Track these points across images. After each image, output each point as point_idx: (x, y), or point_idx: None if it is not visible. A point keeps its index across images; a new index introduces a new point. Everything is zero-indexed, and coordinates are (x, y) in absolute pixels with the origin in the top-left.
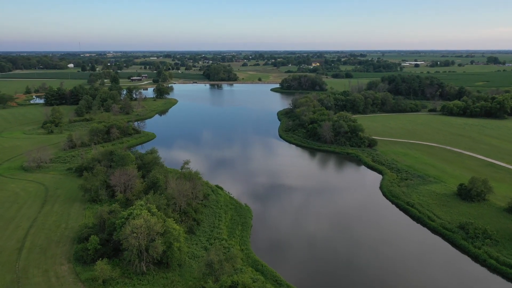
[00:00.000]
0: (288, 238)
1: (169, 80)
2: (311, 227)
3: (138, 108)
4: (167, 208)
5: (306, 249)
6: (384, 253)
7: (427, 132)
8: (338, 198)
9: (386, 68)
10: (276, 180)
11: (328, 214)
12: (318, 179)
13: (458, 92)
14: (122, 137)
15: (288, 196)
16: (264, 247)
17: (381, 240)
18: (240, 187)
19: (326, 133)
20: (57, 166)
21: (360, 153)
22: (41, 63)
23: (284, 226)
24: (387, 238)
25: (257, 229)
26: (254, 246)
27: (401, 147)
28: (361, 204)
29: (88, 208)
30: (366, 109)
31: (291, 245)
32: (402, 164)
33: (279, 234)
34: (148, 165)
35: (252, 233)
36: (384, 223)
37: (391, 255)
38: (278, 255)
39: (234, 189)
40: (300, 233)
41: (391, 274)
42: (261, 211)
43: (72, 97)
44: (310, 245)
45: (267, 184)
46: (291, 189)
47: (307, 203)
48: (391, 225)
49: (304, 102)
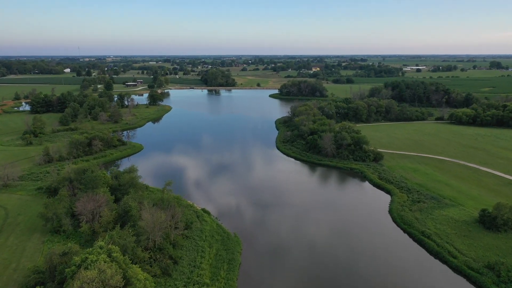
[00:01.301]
0: (283, 279)
1: (165, 85)
2: (310, 264)
3: (127, 116)
4: (136, 247)
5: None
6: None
7: (436, 143)
8: (342, 226)
9: (388, 73)
10: (271, 201)
11: (332, 248)
12: (318, 201)
13: (465, 99)
14: (105, 149)
15: (283, 222)
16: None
17: (393, 283)
18: (230, 209)
19: (327, 145)
20: (27, 185)
21: (365, 169)
22: (37, 68)
23: (278, 264)
24: (401, 280)
25: (247, 268)
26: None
27: (410, 161)
28: (369, 233)
29: (48, 241)
30: (369, 117)
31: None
32: (412, 182)
33: (273, 275)
34: (124, 187)
35: (241, 274)
36: (396, 259)
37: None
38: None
39: (223, 212)
40: (297, 271)
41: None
42: (252, 242)
43: (59, 104)
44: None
45: (260, 206)
46: (287, 214)
47: (306, 231)
48: (404, 262)
49: (303, 110)
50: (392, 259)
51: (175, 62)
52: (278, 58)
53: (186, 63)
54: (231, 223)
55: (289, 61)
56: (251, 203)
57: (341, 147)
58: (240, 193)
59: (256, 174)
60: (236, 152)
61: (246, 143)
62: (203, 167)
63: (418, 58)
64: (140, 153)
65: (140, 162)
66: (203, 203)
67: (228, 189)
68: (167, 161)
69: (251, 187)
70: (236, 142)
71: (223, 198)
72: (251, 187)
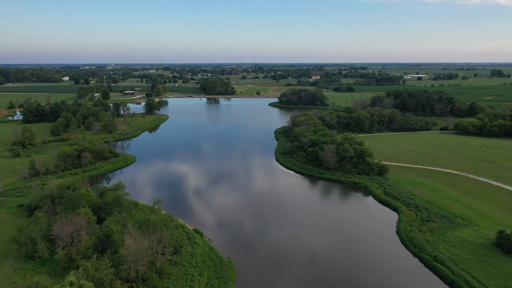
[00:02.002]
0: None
1: (163, 94)
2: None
3: (122, 126)
4: (114, 280)
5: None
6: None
7: (442, 155)
8: (346, 249)
9: (389, 82)
10: (269, 218)
11: (336, 273)
12: (320, 218)
13: (469, 108)
14: (95, 162)
15: (281, 244)
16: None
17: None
18: (224, 228)
19: (329, 158)
20: (8, 202)
21: (370, 184)
22: (35, 76)
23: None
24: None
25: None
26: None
27: (416, 175)
28: (376, 257)
29: (20, 269)
30: (372, 127)
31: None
32: (420, 198)
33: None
34: (109, 205)
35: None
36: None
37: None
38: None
39: (217, 231)
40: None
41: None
42: (247, 267)
43: (52, 113)
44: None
45: (257, 224)
46: (286, 234)
47: (306, 255)
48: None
49: (303, 120)
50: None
51: (175, 70)
52: (278, 66)
53: (186, 71)
54: (225, 245)
55: (289, 69)
56: (248, 221)
57: (343, 160)
58: (236, 209)
59: (254, 188)
60: (234, 164)
61: (244, 155)
62: (198, 181)
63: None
64: (132, 165)
65: (132, 175)
66: (196, 221)
67: (223, 205)
68: (160, 174)
69: (248, 203)
70: (234, 153)
71: (218, 215)
72: (248, 203)
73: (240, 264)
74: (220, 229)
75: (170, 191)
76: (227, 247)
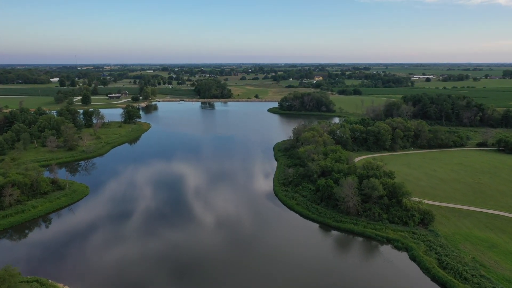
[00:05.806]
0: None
1: (151, 97)
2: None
3: (86, 141)
4: None
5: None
6: None
7: (500, 189)
8: None
9: (396, 83)
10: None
11: None
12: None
13: (502, 116)
14: (26, 200)
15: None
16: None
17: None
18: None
19: (349, 198)
20: None
21: (412, 243)
22: (20, 77)
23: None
24: None
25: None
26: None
27: (474, 223)
28: None
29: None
30: (394, 144)
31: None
32: (498, 275)
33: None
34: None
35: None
36: None
37: None
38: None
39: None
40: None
41: None
42: None
43: (6, 124)
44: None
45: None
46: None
47: None
48: None
49: (310, 137)
50: None
51: (172, 71)
52: (279, 66)
53: (184, 72)
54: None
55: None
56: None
57: (369, 200)
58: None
59: (241, 247)
60: (215, 201)
61: (232, 183)
62: (163, 231)
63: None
64: (81, 201)
65: (73, 217)
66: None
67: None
68: (116, 215)
69: (230, 280)
70: (220, 180)
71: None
72: (230, 280)
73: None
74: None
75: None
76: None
